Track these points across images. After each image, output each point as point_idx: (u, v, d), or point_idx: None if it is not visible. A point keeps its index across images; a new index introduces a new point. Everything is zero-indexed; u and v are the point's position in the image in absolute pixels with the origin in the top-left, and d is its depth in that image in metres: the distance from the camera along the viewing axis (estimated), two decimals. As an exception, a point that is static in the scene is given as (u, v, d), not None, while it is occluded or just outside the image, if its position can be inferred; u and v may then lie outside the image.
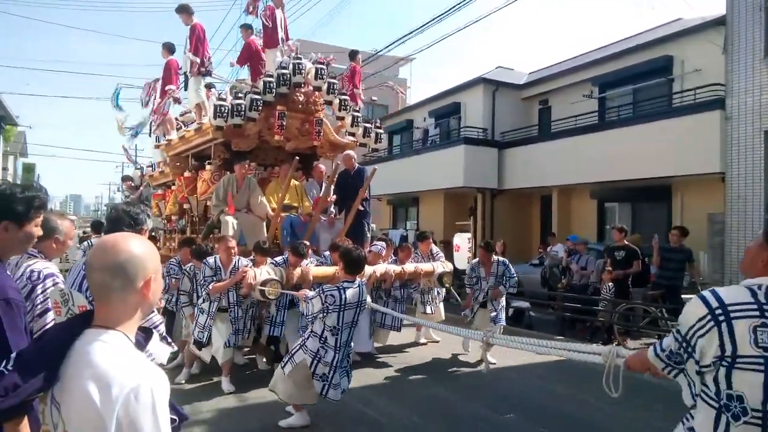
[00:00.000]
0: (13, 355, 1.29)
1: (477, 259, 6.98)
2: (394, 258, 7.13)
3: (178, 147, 7.96)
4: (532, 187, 14.83)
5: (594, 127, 13.03)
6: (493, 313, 6.51)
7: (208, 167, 7.21)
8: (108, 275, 1.23)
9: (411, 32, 15.32)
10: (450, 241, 12.03)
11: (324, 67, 6.94)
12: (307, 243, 5.91)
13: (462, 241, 9.78)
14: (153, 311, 2.78)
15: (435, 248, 7.49)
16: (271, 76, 6.59)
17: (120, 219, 2.76)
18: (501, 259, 6.78)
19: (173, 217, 8.54)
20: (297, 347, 4.18)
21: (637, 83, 13.02)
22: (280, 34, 7.46)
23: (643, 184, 11.85)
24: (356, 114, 7.56)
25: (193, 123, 7.76)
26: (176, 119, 8.70)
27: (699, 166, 10.08)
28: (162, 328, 2.96)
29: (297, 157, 6.55)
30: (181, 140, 7.82)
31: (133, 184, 10.74)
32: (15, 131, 23.11)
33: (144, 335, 1.35)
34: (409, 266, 6.78)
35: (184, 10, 7.42)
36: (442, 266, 7.12)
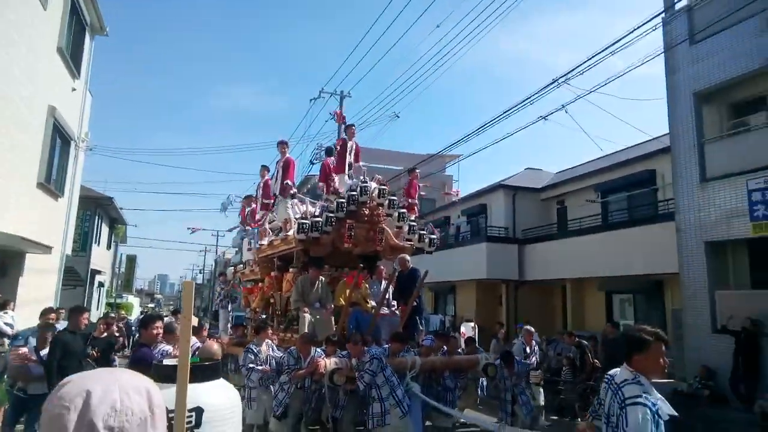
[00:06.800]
0: None
1: None
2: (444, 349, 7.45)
3: (266, 251, 9.57)
4: (550, 279, 16.69)
5: (597, 228, 15.04)
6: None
7: (291, 270, 8.48)
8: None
9: (457, 141, 17.61)
10: (482, 326, 14.13)
11: (385, 187, 8.46)
12: (366, 336, 6.72)
13: (467, 329, 12.00)
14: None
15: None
16: (343, 198, 8.10)
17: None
18: None
19: (258, 310, 9.99)
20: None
21: (630, 191, 15.07)
22: (349, 160, 9.09)
23: (641, 279, 13.48)
24: (412, 224, 8.78)
25: (280, 231, 9.36)
26: (266, 228, 10.13)
27: (672, 267, 11.77)
28: None
29: (366, 269, 7.91)
30: (269, 246, 9.44)
31: (227, 279, 12.29)
32: (124, 229, 28.10)
33: None
34: (456, 357, 7.31)
35: (285, 144, 9.28)
36: (486, 357, 7.63)
